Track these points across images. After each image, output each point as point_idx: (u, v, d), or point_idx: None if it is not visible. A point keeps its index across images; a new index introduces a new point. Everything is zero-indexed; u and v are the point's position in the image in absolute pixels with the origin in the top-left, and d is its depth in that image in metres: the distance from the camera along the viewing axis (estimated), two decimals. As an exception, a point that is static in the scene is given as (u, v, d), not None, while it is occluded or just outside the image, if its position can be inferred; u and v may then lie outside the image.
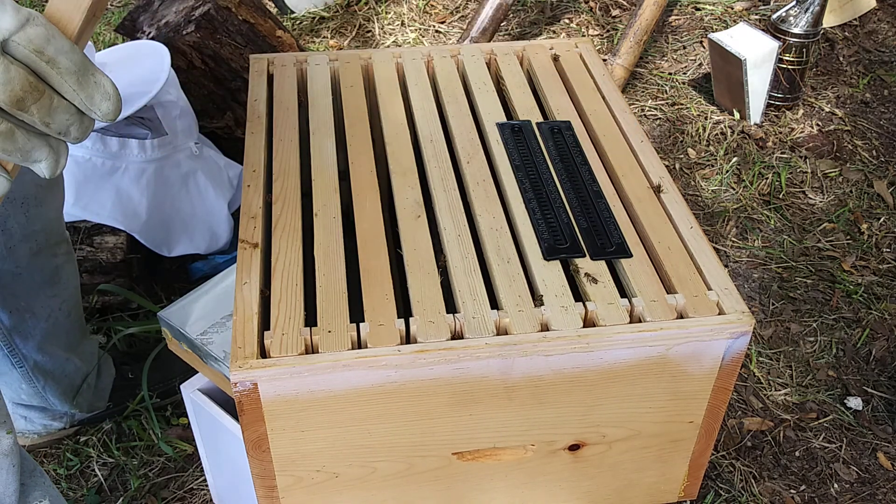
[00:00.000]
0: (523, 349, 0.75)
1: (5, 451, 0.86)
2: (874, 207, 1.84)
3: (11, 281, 1.18)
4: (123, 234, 1.50)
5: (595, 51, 1.15)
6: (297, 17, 2.42)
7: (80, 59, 0.54)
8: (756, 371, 1.50)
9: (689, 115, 2.09)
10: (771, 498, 1.31)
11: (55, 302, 1.24)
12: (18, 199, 1.12)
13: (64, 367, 1.30)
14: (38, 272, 1.19)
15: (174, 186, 1.52)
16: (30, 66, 0.52)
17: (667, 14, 2.42)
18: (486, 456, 0.84)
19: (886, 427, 1.41)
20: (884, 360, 1.52)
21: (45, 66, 0.52)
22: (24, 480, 0.92)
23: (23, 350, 1.24)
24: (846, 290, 1.64)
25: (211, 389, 1.04)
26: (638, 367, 0.78)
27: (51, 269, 1.21)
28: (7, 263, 1.15)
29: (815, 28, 1.99)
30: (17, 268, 1.16)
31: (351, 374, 0.74)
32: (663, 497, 0.92)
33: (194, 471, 1.33)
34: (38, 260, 1.19)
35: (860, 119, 2.09)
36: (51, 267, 1.21)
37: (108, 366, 1.39)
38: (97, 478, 1.33)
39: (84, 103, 0.55)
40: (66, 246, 1.24)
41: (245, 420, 0.75)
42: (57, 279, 1.23)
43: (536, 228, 0.86)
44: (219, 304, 1.01)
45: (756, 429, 1.40)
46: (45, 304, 1.23)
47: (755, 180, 1.89)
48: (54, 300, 1.24)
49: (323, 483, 0.82)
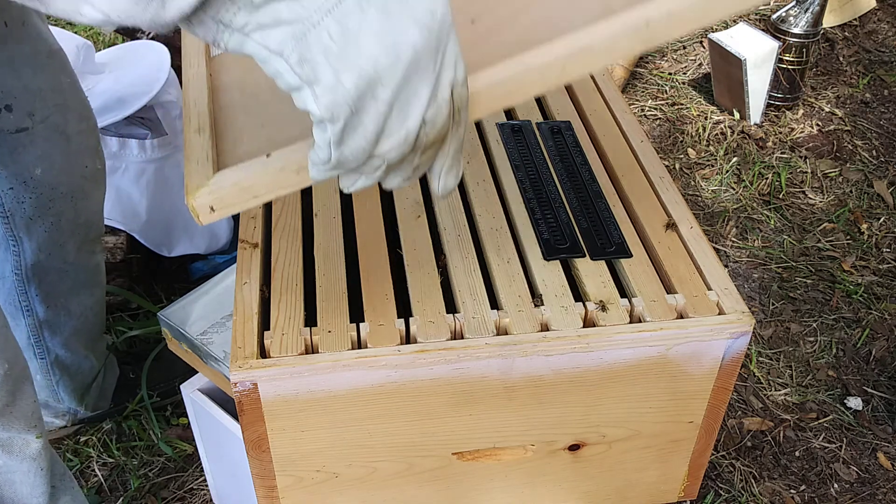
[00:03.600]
0: (523, 349, 0.75)
1: (33, 454, 0.85)
2: (874, 207, 1.84)
3: (58, 278, 1.18)
4: (123, 234, 1.50)
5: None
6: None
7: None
8: (756, 371, 1.50)
9: (689, 115, 2.09)
10: (771, 498, 1.31)
11: (90, 301, 1.26)
12: (68, 193, 1.13)
13: (81, 364, 1.31)
14: (83, 270, 1.21)
15: (174, 186, 1.52)
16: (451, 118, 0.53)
17: (667, 14, 2.42)
18: (486, 456, 0.84)
19: (886, 427, 1.41)
20: (884, 360, 1.52)
21: (456, 122, 0.54)
22: (54, 483, 0.92)
23: (49, 343, 1.25)
24: (846, 290, 1.64)
25: (211, 389, 1.04)
26: (638, 367, 0.78)
27: (92, 266, 1.23)
28: (56, 260, 1.16)
29: (815, 28, 1.99)
30: (65, 264, 1.18)
31: (351, 374, 0.74)
32: (663, 497, 0.92)
33: (194, 471, 1.33)
34: (82, 256, 1.20)
35: (860, 119, 2.09)
36: (92, 264, 1.23)
37: (112, 366, 1.40)
38: (97, 478, 1.33)
39: (454, 153, 0.56)
40: (101, 244, 1.26)
41: (245, 420, 0.75)
42: (97, 277, 1.25)
43: (536, 228, 0.86)
44: (219, 304, 1.01)
45: (756, 429, 1.40)
46: (81, 301, 1.25)
47: (755, 180, 1.89)
48: (90, 299, 1.26)
49: (323, 483, 0.82)
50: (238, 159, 0.61)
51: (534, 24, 0.63)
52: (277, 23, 0.45)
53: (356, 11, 0.46)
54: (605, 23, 0.59)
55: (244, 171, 0.59)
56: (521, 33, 0.63)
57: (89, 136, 1.13)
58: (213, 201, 0.59)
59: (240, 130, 0.65)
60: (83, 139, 1.12)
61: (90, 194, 1.16)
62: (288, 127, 0.62)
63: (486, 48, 0.61)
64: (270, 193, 0.60)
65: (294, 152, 0.58)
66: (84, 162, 1.13)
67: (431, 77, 0.49)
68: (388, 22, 0.46)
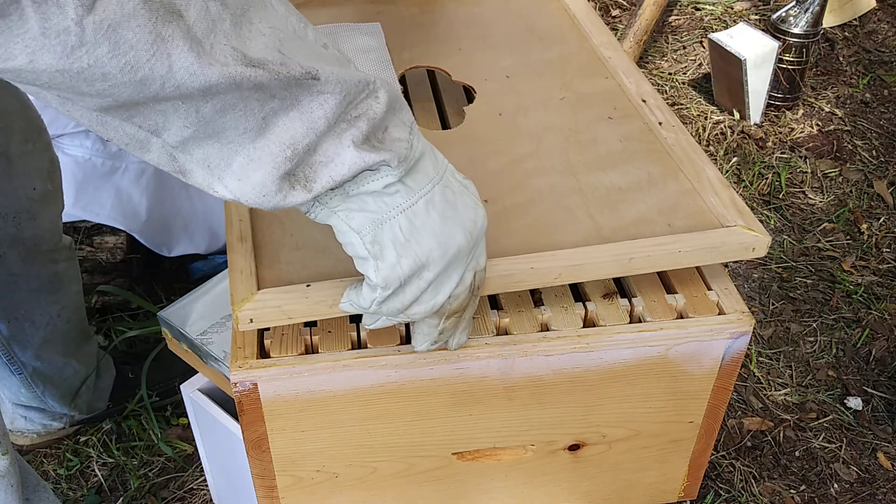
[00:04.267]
0: (523, 349, 0.75)
1: (2, 472, 0.85)
2: (874, 207, 1.84)
3: (8, 289, 1.16)
4: (123, 234, 1.49)
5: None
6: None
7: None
8: (756, 371, 1.50)
9: (689, 115, 2.09)
10: (771, 498, 1.31)
11: (55, 309, 1.23)
12: (10, 214, 1.11)
13: (62, 371, 1.29)
14: (35, 278, 1.18)
15: (174, 186, 1.52)
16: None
17: (667, 14, 2.43)
18: (485, 456, 0.84)
19: (886, 427, 1.41)
20: (884, 360, 1.52)
21: (474, 296, 0.66)
22: (27, 496, 0.92)
23: (21, 358, 1.23)
24: (846, 290, 1.64)
25: (211, 389, 1.04)
26: (638, 367, 0.78)
27: (49, 276, 1.20)
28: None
29: (815, 28, 1.99)
30: (11, 275, 1.15)
31: (351, 374, 0.74)
32: (663, 497, 0.92)
33: (194, 471, 1.33)
34: (33, 266, 1.17)
35: (860, 119, 2.09)
36: (49, 273, 1.20)
37: (108, 366, 1.39)
38: (97, 478, 1.33)
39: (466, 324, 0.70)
40: (66, 252, 1.23)
41: (245, 420, 0.75)
42: (57, 286, 1.22)
43: (536, 229, 0.86)
44: (219, 304, 1.01)
45: (756, 429, 1.40)
46: (44, 311, 1.22)
47: (755, 180, 1.89)
48: (54, 307, 1.23)
49: (323, 483, 0.82)
50: (277, 278, 0.70)
51: (537, 221, 0.76)
52: (362, 210, 0.57)
53: (423, 213, 0.58)
54: (596, 250, 0.73)
55: (285, 298, 0.68)
56: (528, 225, 0.76)
57: (37, 157, 1.12)
58: (254, 316, 0.68)
59: (277, 246, 0.74)
60: (28, 161, 1.10)
61: (38, 214, 1.14)
62: (321, 256, 0.72)
63: (496, 230, 0.74)
64: (303, 318, 0.69)
65: (330, 287, 0.68)
66: (31, 184, 1.11)
67: (463, 266, 0.62)
68: (444, 225, 0.59)
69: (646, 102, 0.89)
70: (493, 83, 0.94)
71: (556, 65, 0.97)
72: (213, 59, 0.46)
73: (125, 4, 0.42)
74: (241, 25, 0.48)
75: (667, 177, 0.81)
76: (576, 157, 0.83)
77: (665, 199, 0.79)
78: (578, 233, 0.75)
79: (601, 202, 0.78)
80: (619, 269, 0.73)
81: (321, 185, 0.54)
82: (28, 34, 0.40)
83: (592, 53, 0.98)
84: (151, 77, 0.44)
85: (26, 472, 0.94)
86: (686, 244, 0.73)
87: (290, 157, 0.52)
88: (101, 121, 0.48)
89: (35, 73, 0.42)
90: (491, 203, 0.78)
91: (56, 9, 0.40)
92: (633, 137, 0.86)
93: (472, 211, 0.61)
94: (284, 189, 0.53)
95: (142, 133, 0.49)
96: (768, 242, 0.75)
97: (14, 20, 0.40)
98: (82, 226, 1.48)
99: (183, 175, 0.52)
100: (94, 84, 0.44)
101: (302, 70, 0.50)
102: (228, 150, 0.51)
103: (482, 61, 0.98)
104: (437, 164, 0.60)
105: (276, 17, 0.51)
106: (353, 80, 0.53)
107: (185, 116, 0.48)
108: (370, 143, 0.55)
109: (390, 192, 0.57)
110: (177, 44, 0.44)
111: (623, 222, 0.76)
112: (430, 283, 0.60)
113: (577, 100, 0.91)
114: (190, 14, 0.45)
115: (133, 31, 0.43)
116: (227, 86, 0.47)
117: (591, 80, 0.94)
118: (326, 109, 0.52)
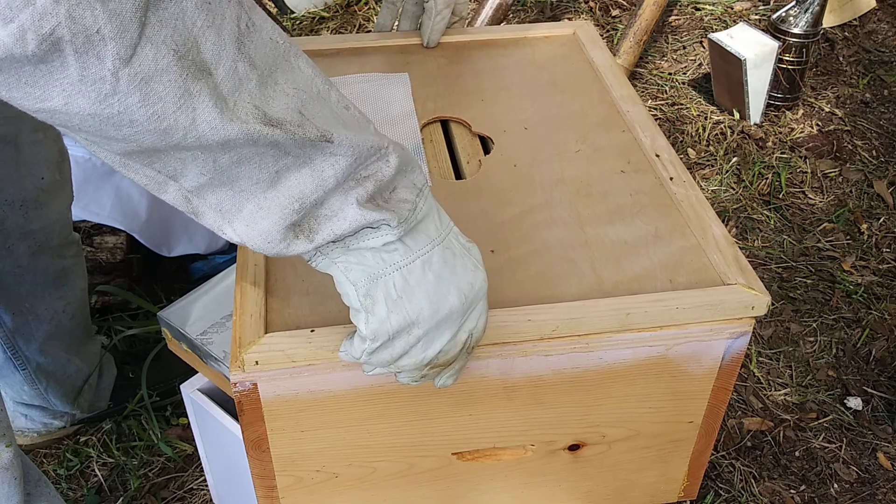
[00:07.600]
0: (523, 349, 0.75)
1: (5, 464, 0.85)
2: (874, 207, 1.84)
3: (14, 282, 1.17)
4: (123, 234, 1.50)
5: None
6: (296, 17, 2.42)
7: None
8: (756, 371, 1.50)
9: (689, 115, 2.09)
10: (771, 498, 1.31)
11: (59, 304, 1.24)
12: (17, 202, 1.12)
13: (65, 368, 1.30)
14: (42, 273, 1.19)
15: (174, 186, 1.51)
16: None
17: (667, 14, 2.43)
18: (485, 456, 0.84)
19: (886, 427, 1.41)
20: (884, 360, 1.52)
21: (467, 352, 0.67)
22: (29, 490, 0.92)
23: (25, 352, 1.24)
24: (846, 290, 1.64)
25: (211, 389, 1.04)
26: (638, 367, 0.78)
27: (56, 271, 1.21)
28: (6, 263, 1.15)
29: (815, 28, 1.99)
30: (18, 268, 1.16)
31: (351, 374, 0.74)
32: (663, 497, 0.92)
33: (194, 471, 1.33)
34: (41, 260, 1.18)
35: (860, 119, 2.09)
36: (56, 268, 1.21)
37: (109, 366, 1.39)
38: (97, 478, 1.33)
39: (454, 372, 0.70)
40: (74, 248, 1.24)
41: (245, 420, 0.75)
42: (63, 281, 1.23)
43: (536, 229, 0.86)
44: (219, 304, 1.01)
45: (756, 429, 1.40)
46: (49, 306, 1.23)
47: (755, 180, 1.90)
48: (59, 302, 1.24)
49: (323, 483, 0.82)
50: (284, 322, 0.73)
51: (541, 273, 0.77)
52: (360, 264, 0.59)
53: (419, 273, 0.60)
54: (595, 303, 0.74)
55: (289, 342, 0.70)
56: (531, 277, 0.77)
57: (47, 147, 1.13)
58: (259, 358, 0.70)
59: (288, 290, 0.76)
60: (37, 150, 1.11)
61: (46, 204, 1.15)
62: (329, 301, 0.74)
63: (500, 280, 0.76)
64: (306, 362, 0.71)
65: (332, 334, 0.70)
66: (40, 173, 1.12)
67: (456, 326, 0.63)
68: (439, 286, 0.61)
69: (659, 157, 0.90)
70: (511, 135, 0.95)
71: (575, 117, 0.97)
72: (234, 116, 0.49)
73: (160, 60, 0.45)
74: (267, 85, 0.51)
75: (673, 232, 0.82)
76: (585, 210, 0.84)
77: (669, 255, 0.79)
78: (580, 286, 0.76)
79: (606, 256, 0.79)
80: (617, 324, 0.74)
81: (323, 237, 0.57)
82: (67, 80, 0.43)
83: (612, 106, 0.99)
84: (175, 127, 0.47)
85: (28, 467, 0.95)
86: (684, 301, 0.74)
87: (297, 209, 0.54)
88: (124, 163, 0.51)
89: (68, 116, 0.45)
90: (497, 254, 0.79)
91: (96, 59, 0.43)
92: (643, 191, 0.86)
93: (471, 274, 0.63)
94: (289, 238, 0.56)
95: (161, 177, 0.52)
96: (768, 302, 0.75)
97: (56, 66, 0.42)
98: (82, 226, 1.48)
99: (195, 216, 0.55)
100: (121, 129, 0.46)
101: (317, 132, 0.53)
102: (241, 198, 0.54)
103: (503, 112, 0.99)
104: (441, 225, 0.62)
105: (302, 79, 0.53)
106: (366, 144, 0.55)
107: (202, 165, 0.51)
108: (375, 201, 0.57)
109: (389, 249, 0.59)
110: (202, 99, 0.47)
111: (625, 276, 0.77)
112: (419, 339, 0.62)
113: (593, 152, 0.92)
114: (219, 73, 0.48)
115: (164, 84, 0.45)
116: (245, 141, 0.50)
117: (607, 133, 0.95)
118: (337, 169, 0.54)
